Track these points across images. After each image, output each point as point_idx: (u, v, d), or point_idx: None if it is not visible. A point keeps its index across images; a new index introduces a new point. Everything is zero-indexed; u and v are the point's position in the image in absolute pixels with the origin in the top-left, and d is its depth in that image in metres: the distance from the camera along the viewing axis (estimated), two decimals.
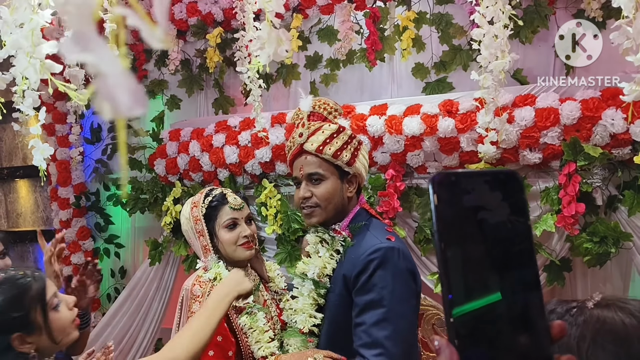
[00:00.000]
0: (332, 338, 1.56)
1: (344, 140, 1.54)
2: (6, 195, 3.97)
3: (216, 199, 1.74)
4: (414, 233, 2.47)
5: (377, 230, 1.54)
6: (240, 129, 2.70)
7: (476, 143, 2.17)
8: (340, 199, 1.58)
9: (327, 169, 1.56)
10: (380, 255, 1.44)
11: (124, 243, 3.51)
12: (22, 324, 1.29)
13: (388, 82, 2.58)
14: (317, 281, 1.58)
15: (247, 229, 1.73)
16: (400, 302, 1.42)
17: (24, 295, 1.32)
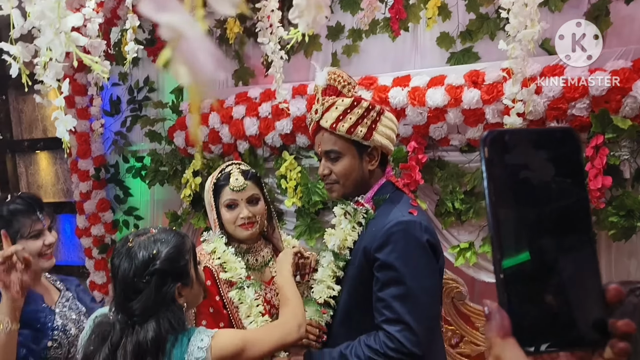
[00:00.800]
0: (349, 310, 1.57)
1: (358, 115, 1.50)
2: (27, 167, 4.01)
3: (222, 178, 1.77)
4: (435, 206, 2.45)
5: (401, 203, 1.52)
6: (261, 101, 2.69)
7: (502, 115, 2.14)
8: (360, 174, 1.57)
9: (343, 145, 1.55)
10: (402, 229, 1.43)
11: (143, 215, 3.53)
12: (184, 274, 1.32)
13: (412, 53, 2.53)
14: (337, 253, 1.59)
15: (246, 211, 1.74)
16: (422, 278, 1.41)
17: (185, 246, 1.35)
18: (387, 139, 1.54)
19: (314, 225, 2.65)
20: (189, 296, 1.34)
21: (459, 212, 2.38)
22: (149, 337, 1.23)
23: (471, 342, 2.48)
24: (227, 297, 1.72)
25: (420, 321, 1.39)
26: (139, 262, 1.26)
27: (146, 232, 1.33)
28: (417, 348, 1.38)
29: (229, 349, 1.30)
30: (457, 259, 2.42)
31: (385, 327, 1.41)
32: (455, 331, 2.50)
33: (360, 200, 1.58)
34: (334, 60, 2.69)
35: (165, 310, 1.26)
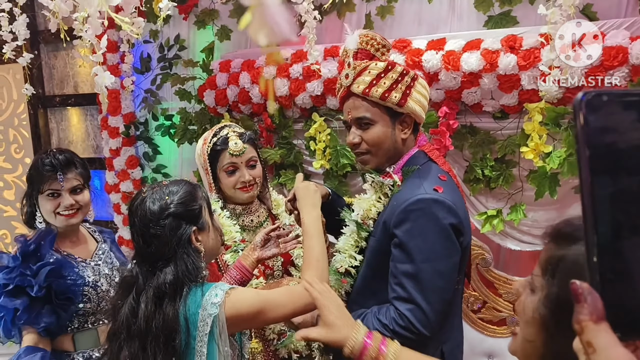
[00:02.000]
0: (367, 282, 1.56)
1: (393, 79, 1.44)
2: (58, 123, 4.07)
3: (219, 142, 1.77)
4: (464, 172, 2.44)
5: (427, 177, 1.46)
6: (292, 62, 2.67)
7: (538, 81, 2.11)
8: (393, 143, 1.51)
9: (375, 112, 1.48)
10: (422, 208, 1.38)
11: (171, 173, 3.58)
12: (198, 218, 1.36)
13: (448, 15, 2.49)
14: (360, 223, 1.56)
15: (247, 174, 1.76)
16: (437, 260, 1.37)
17: (197, 193, 1.39)
18: (420, 106, 1.48)
19: (341, 188, 2.67)
20: (206, 242, 1.37)
21: (488, 179, 2.37)
22: (168, 280, 1.27)
23: (493, 308, 2.51)
24: (221, 260, 1.76)
25: (431, 303, 1.36)
26: (154, 209, 1.31)
27: (159, 184, 1.38)
28: (426, 329, 1.36)
29: (244, 309, 1.31)
30: (484, 226, 2.42)
31: (396, 304, 1.39)
32: (477, 297, 2.53)
33: (390, 171, 1.53)
34: (367, 22, 2.65)
35: (182, 254, 1.30)
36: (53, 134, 4.09)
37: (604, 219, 0.45)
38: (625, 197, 0.45)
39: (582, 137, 0.46)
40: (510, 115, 2.29)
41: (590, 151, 0.45)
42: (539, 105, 2.14)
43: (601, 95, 0.46)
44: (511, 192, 2.37)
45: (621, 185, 0.45)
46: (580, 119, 0.46)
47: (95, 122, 3.89)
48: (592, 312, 0.45)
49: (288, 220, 1.92)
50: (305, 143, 2.76)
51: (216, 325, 1.27)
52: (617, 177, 0.45)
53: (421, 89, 1.48)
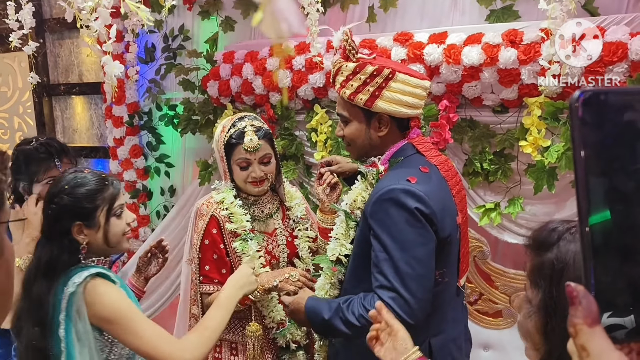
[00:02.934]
0: (354, 271, 1.60)
1: (361, 81, 1.48)
2: (62, 111, 4.11)
3: (235, 135, 1.79)
4: (464, 165, 2.47)
5: (406, 169, 1.49)
6: (295, 53, 2.70)
7: (538, 76, 2.12)
8: (367, 140, 1.56)
9: (350, 110, 1.55)
10: (391, 197, 1.41)
11: (174, 163, 3.61)
12: (87, 216, 1.45)
13: (450, 9, 2.50)
14: (349, 213, 1.60)
15: (258, 171, 1.79)
16: (412, 247, 1.40)
17: (99, 193, 1.46)
18: (399, 104, 1.49)
19: (342, 179, 2.69)
20: (92, 239, 1.46)
21: (487, 172, 2.40)
22: (43, 257, 1.40)
23: (489, 300, 2.54)
24: (230, 247, 1.80)
25: (411, 291, 1.38)
26: (53, 190, 1.44)
27: (80, 170, 1.49)
28: (409, 317, 1.38)
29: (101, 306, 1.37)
30: (482, 219, 2.45)
31: (379, 292, 1.42)
32: (474, 289, 2.56)
33: (376, 162, 1.57)
34: (370, 15, 2.67)
35: (61, 240, 1.41)
36: (57, 122, 4.13)
37: (599, 221, 0.45)
38: (621, 198, 0.45)
39: (578, 136, 0.45)
40: (509, 109, 2.31)
41: (586, 150, 0.44)
42: (538, 100, 2.16)
43: (598, 94, 0.45)
44: (509, 186, 2.40)
45: (617, 185, 0.45)
46: (576, 117, 0.45)
47: (100, 111, 3.93)
48: (587, 315, 0.44)
49: (300, 212, 1.96)
50: (307, 134, 2.79)
51: (72, 303, 1.34)
52: (613, 177, 0.45)
53: (400, 87, 1.48)
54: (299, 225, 1.95)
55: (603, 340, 0.44)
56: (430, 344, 1.58)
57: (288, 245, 1.93)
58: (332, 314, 1.49)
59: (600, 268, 0.45)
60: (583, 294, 0.45)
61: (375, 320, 1.26)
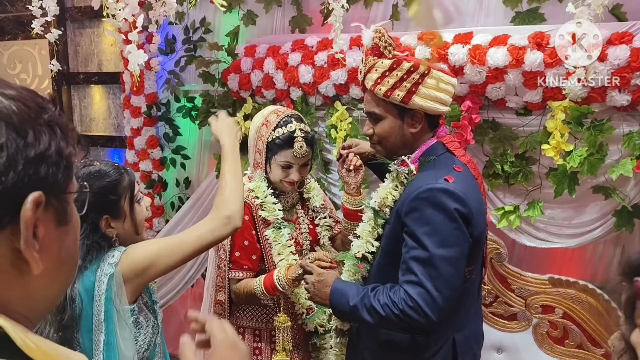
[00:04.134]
0: (382, 268, 1.62)
1: (398, 77, 1.49)
2: (81, 100, 4.13)
3: (284, 138, 1.80)
4: (484, 167, 2.46)
5: (441, 168, 1.51)
6: (317, 49, 2.70)
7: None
8: (400, 137, 1.57)
9: (383, 107, 1.56)
10: (430, 197, 1.43)
11: (190, 155, 3.63)
12: (113, 208, 1.43)
13: (475, 10, 2.48)
14: (377, 210, 1.62)
15: (297, 175, 1.83)
16: (447, 247, 1.41)
17: (119, 183, 1.45)
18: (434, 100, 1.50)
19: None
20: (120, 229, 1.45)
21: (507, 174, 2.39)
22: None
23: (505, 303, 2.54)
24: (262, 234, 1.82)
25: (440, 289, 1.40)
26: None
27: (90, 164, 1.45)
28: (434, 314, 1.40)
29: (138, 259, 1.36)
30: (500, 221, 2.45)
31: (406, 287, 1.44)
32: (490, 291, 2.56)
33: (407, 160, 1.58)
34: (394, 13, 2.66)
35: (88, 234, 1.38)
36: (75, 110, 4.15)
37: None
38: None
39: None
40: (533, 112, 2.30)
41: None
42: (563, 104, 2.15)
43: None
44: (529, 189, 2.39)
45: None
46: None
47: (118, 101, 3.94)
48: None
49: (318, 202, 2.00)
50: (326, 131, 2.79)
51: (112, 285, 1.32)
52: None
53: (435, 83, 1.50)
54: (319, 214, 1.99)
55: None
56: (455, 339, 1.61)
57: (310, 232, 1.98)
58: (358, 299, 1.50)
59: None
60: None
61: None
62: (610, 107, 2.14)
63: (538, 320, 2.48)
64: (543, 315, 2.46)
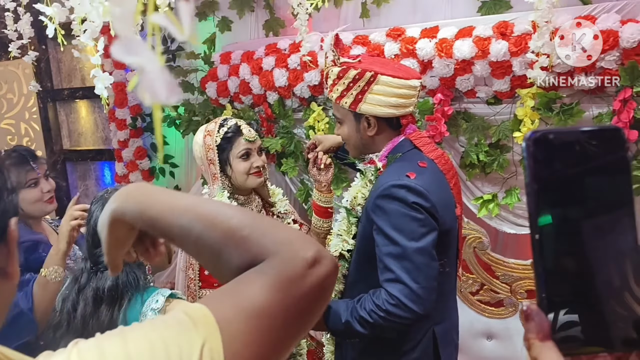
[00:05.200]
0: (359, 266, 1.64)
1: (345, 85, 1.52)
2: (67, 115, 4.17)
3: (231, 130, 1.87)
4: (460, 158, 2.48)
5: (404, 165, 1.53)
6: (290, 52, 2.72)
7: (529, 67, 2.13)
8: (360, 140, 1.61)
9: (341, 112, 1.61)
10: (392, 193, 1.46)
11: (178, 163, 3.66)
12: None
13: (442, 2, 2.49)
14: (349, 209, 1.65)
15: (259, 159, 1.85)
16: (416, 239, 1.44)
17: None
18: (383, 106, 1.52)
19: (340, 175, 2.72)
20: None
21: (483, 164, 2.41)
22: (107, 285, 1.30)
23: (491, 290, 2.56)
24: None
25: (418, 281, 1.42)
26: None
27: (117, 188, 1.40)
28: (417, 306, 1.43)
29: None
30: (480, 210, 2.47)
31: (386, 286, 1.46)
32: (475, 279, 2.58)
33: (374, 159, 1.61)
34: (363, 10, 2.67)
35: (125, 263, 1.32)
36: (63, 126, 4.19)
37: (550, 247, 0.50)
38: (568, 228, 0.49)
39: (531, 173, 0.49)
40: (503, 100, 2.32)
41: (537, 185, 0.49)
42: (531, 91, 2.17)
43: (547, 134, 0.50)
44: (506, 177, 2.41)
45: (565, 216, 0.49)
46: (527, 154, 0.49)
47: (104, 114, 3.97)
48: (539, 331, 0.49)
49: (283, 208, 2.01)
50: (305, 132, 2.82)
51: None
52: (561, 209, 0.49)
53: (383, 89, 1.50)
54: (284, 220, 2.01)
55: (553, 353, 0.49)
56: (435, 331, 1.64)
57: None
58: (348, 313, 1.53)
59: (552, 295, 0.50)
60: (536, 312, 0.50)
61: None
62: (579, 91, 2.16)
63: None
64: (529, 300, 2.49)
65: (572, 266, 0.50)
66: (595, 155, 0.49)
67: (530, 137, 0.50)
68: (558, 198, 0.50)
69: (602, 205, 0.50)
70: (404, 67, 1.73)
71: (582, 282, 0.50)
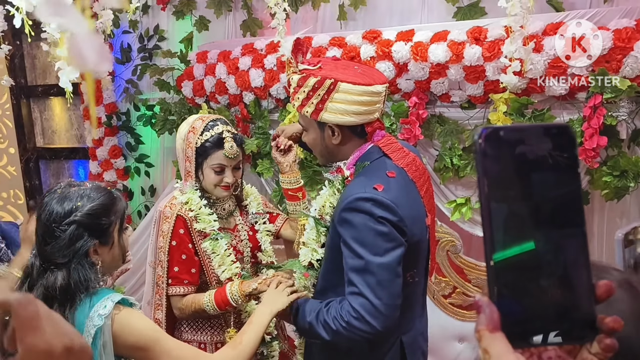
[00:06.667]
0: (327, 275, 1.61)
1: (305, 94, 1.46)
2: (41, 112, 4.10)
3: (213, 140, 1.78)
4: (435, 161, 2.49)
5: (372, 175, 1.47)
6: (267, 52, 2.70)
7: (502, 72, 2.15)
8: (324, 147, 1.55)
9: (305, 120, 1.55)
10: (358, 206, 1.41)
11: (153, 162, 3.62)
12: (104, 233, 1.33)
13: (419, 7, 2.51)
14: (318, 219, 1.60)
15: (231, 177, 1.83)
16: (380, 254, 1.40)
17: (113, 207, 1.36)
18: (345, 114, 1.45)
19: (315, 177, 2.71)
20: (106, 256, 1.35)
21: (457, 167, 2.42)
22: (57, 285, 1.24)
23: (463, 293, 2.58)
24: (199, 246, 1.82)
25: (380, 297, 1.39)
26: (61, 210, 1.27)
27: (80, 185, 1.35)
28: (378, 323, 1.39)
29: (132, 336, 1.27)
30: (454, 214, 2.48)
31: (349, 299, 1.43)
32: (448, 282, 2.59)
33: (342, 167, 1.56)
34: (340, 12, 2.68)
35: (77, 264, 1.27)
36: (36, 123, 4.12)
37: (500, 241, 0.50)
38: (515, 220, 0.51)
39: (481, 168, 0.51)
40: (477, 105, 2.33)
41: (487, 180, 0.50)
42: (503, 96, 2.19)
43: (498, 130, 0.51)
44: None
45: (513, 206, 0.50)
46: (479, 151, 0.50)
47: (78, 112, 3.92)
48: (489, 322, 0.49)
49: (255, 209, 1.99)
50: None
51: (99, 337, 1.23)
52: (509, 200, 0.50)
53: (344, 97, 1.43)
54: (258, 219, 1.99)
55: (502, 344, 0.49)
56: (402, 341, 1.61)
57: (250, 239, 1.97)
58: (314, 316, 1.50)
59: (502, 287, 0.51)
60: (487, 304, 0.50)
61: None
62: (550, 97, 2.18)
63: None
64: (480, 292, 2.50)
65: (521, 256, 0.50)
66: (544, 150, 0.51)
67: (481, 133, 0.51)
68: (508, 192, 0.51)
69: (551, 198, 0.51)
70: (368, 71, 1.62)
71: (532, 273, 0.50)
